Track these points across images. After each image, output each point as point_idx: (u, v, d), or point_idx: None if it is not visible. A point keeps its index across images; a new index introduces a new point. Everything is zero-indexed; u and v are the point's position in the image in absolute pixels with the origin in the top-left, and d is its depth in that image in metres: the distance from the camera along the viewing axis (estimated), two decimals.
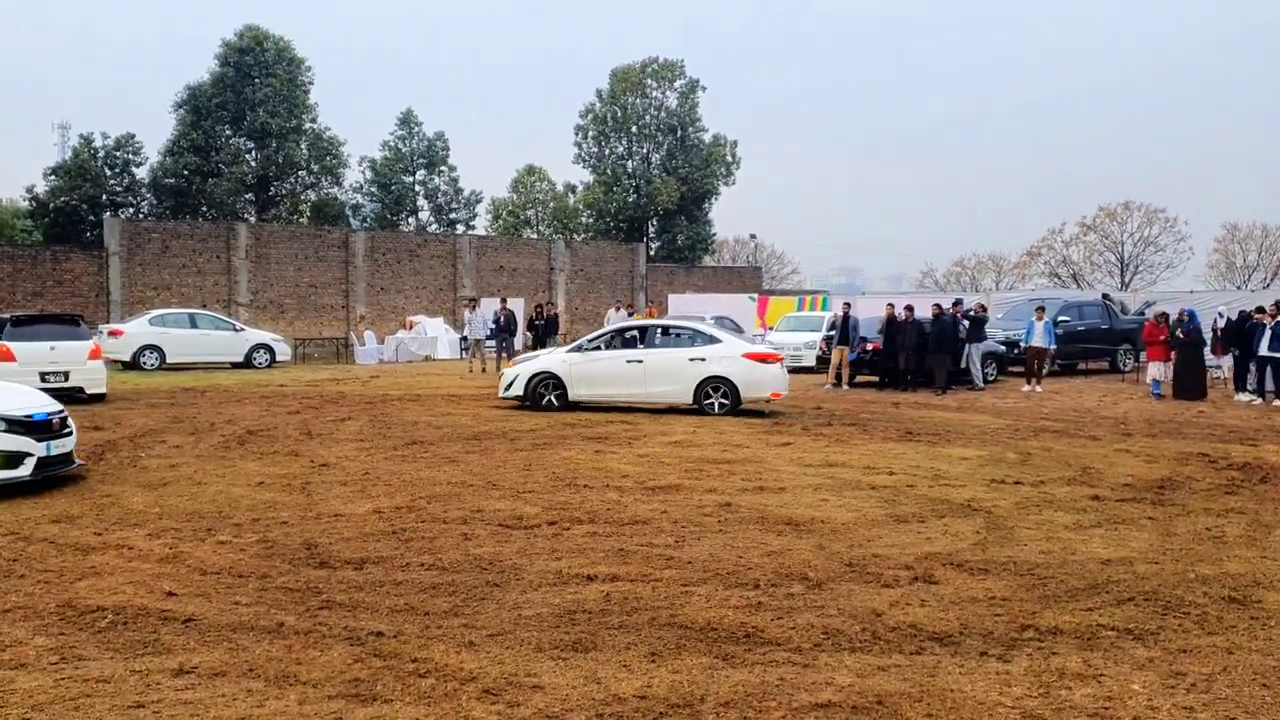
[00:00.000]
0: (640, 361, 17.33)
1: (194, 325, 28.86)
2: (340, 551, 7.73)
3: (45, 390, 12.89)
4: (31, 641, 5.68)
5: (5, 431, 10.12)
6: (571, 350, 18.14)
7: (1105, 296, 31.86)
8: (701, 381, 17.06)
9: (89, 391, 18.68)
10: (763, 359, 17.41)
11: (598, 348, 17.90)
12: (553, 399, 17.58)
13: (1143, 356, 24.54)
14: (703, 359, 17.21)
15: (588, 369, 17.59)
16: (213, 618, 6.10)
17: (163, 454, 12.73)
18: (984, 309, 25.33)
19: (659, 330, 18.23)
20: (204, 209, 45.66)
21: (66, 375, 18.45)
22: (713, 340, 17.64)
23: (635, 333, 18.27)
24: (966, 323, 23.57)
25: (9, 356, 18.24)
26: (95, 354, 19.34)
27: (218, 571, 7.18)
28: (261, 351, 29.16)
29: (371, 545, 7.92)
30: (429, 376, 26.19)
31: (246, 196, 47.76)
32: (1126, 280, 60.49)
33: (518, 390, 17.80)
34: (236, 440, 13.89)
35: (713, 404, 17.03)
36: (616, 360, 17.52)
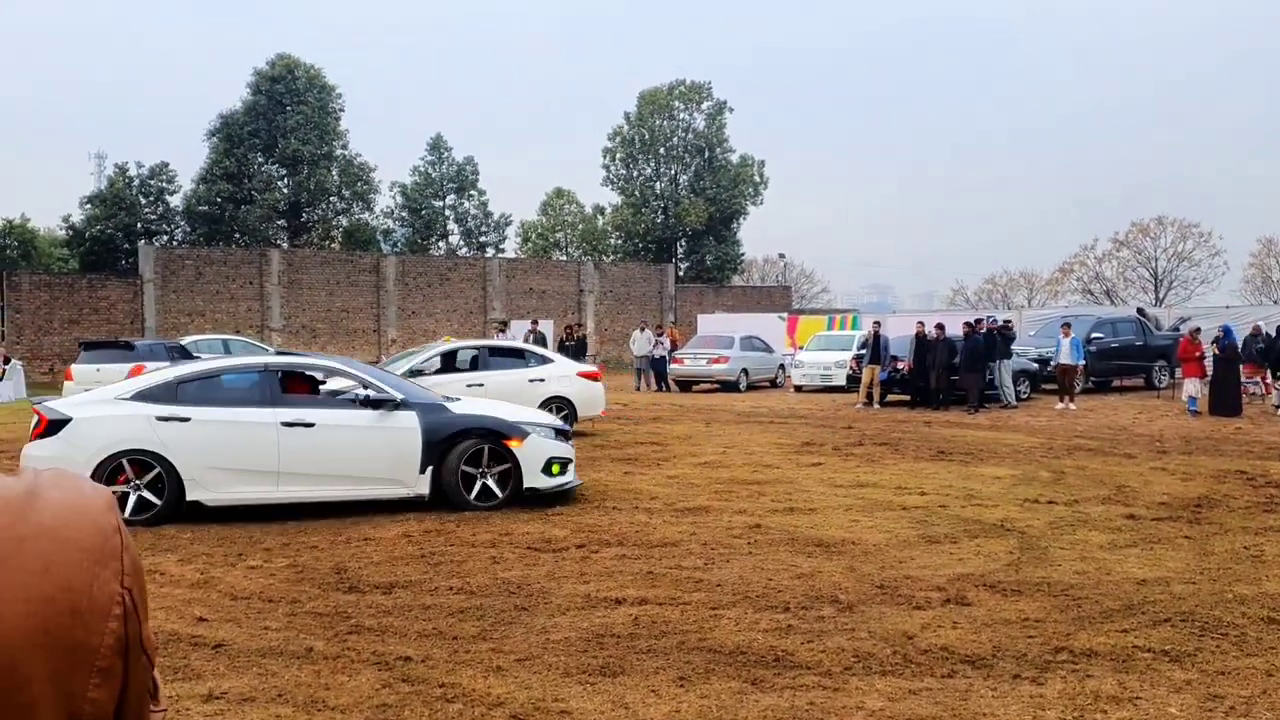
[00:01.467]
0: (481, 385, 16.19)
1: (228, 351, 29.07)
2: (369, 575, 7.74)
3: None
4: None
5: (556, 439, 10.93)
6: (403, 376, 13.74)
7: (1140, 312, 31.56)
8: (543, 402, 16.15)
9: None
10: (593, 377, 17.48)
11: (426, 372, 16.23)
12: None
13: (1178, 373, 24.26)
14: (542, 379, 16.88)
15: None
16: (242, 643, 6.12)
17: None
18: (1009, 325, 25.14)
19: (488, 351, 17.75)
20: (237, 236, 46.18)
21: None
22: (545, 360, 17.49)
23: (467, 356, 17.53)
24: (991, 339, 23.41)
25: (69, 376, 21.82)
26: (135, 372, 19.64)
27: (248, 597, 7.21)
28: None
29: (400, 569, 7.94)
30: None
31: (279, 223, 48.28)
32: (1161, 296, 59.86)
33: None
34: None
35: None
36: (458, 384, 15.85)
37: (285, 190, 47.58)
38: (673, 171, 57.32)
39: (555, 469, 10.74)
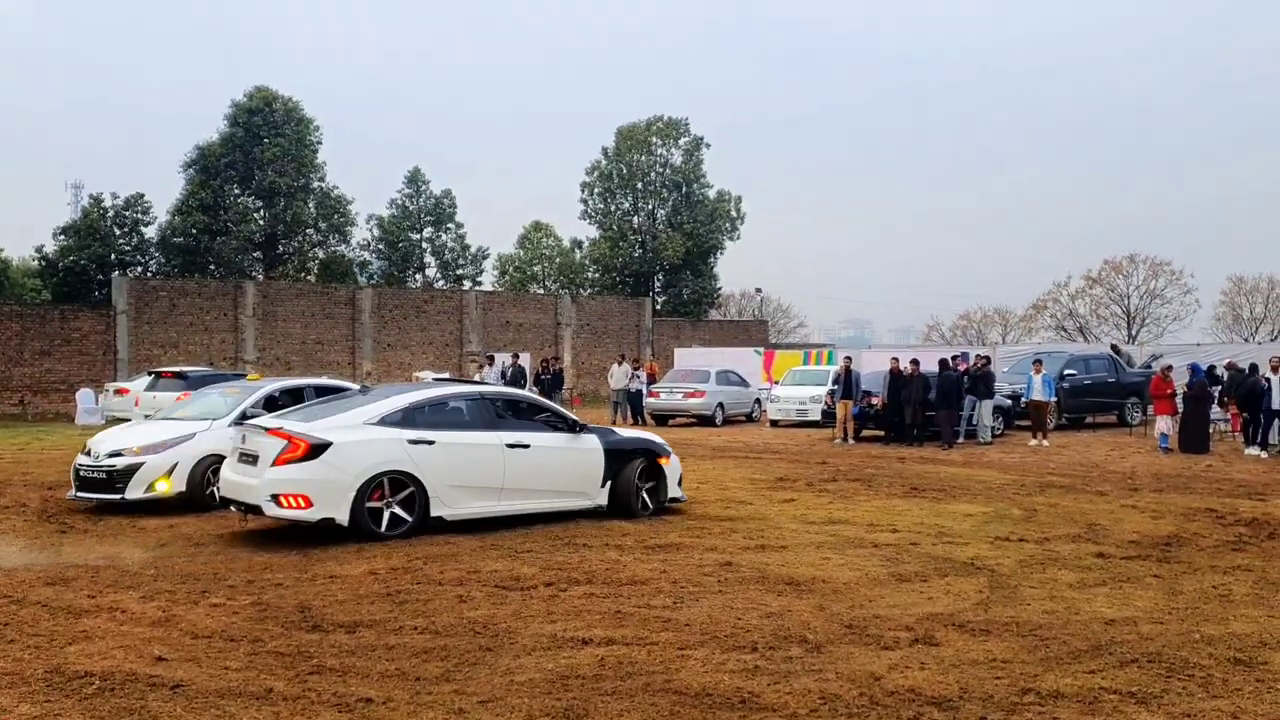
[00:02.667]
0: None
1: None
2: (333, 614, 7.64)
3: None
4: (15, 709, 5.60)
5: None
6: (235, 423, 12.99)
7: (1114, 348, 31.83)
8: None
9: None
10: None
11: (259, 413, 13.44)
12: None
13: (1150, 410, 24.41)
14: None
15: None
16: (201, 683, 6.02)
17: (163, 514, 12.67)
18: (988, 362, 25.27)
19: (314, 390, 15.06)
20: (212, 267, 45.97)
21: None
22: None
23: (292, 395, 14.69)
24: (967, 379, 23.50)
25: (137, 403, 24.06)
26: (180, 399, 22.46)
27: (209, 635, 7.10)
28: None
29: (365, 608, 7.84)
30: None
31: (254, 255, 48.09)
32: (1133, 333, 60.41)
33: None
34: None
35: None
36: None
37: (261, 222, 47.43)
38: (650, 206, 57.56)
39: (680, 483, 12.91)
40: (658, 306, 55.28)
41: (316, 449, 10.35)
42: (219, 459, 12.41)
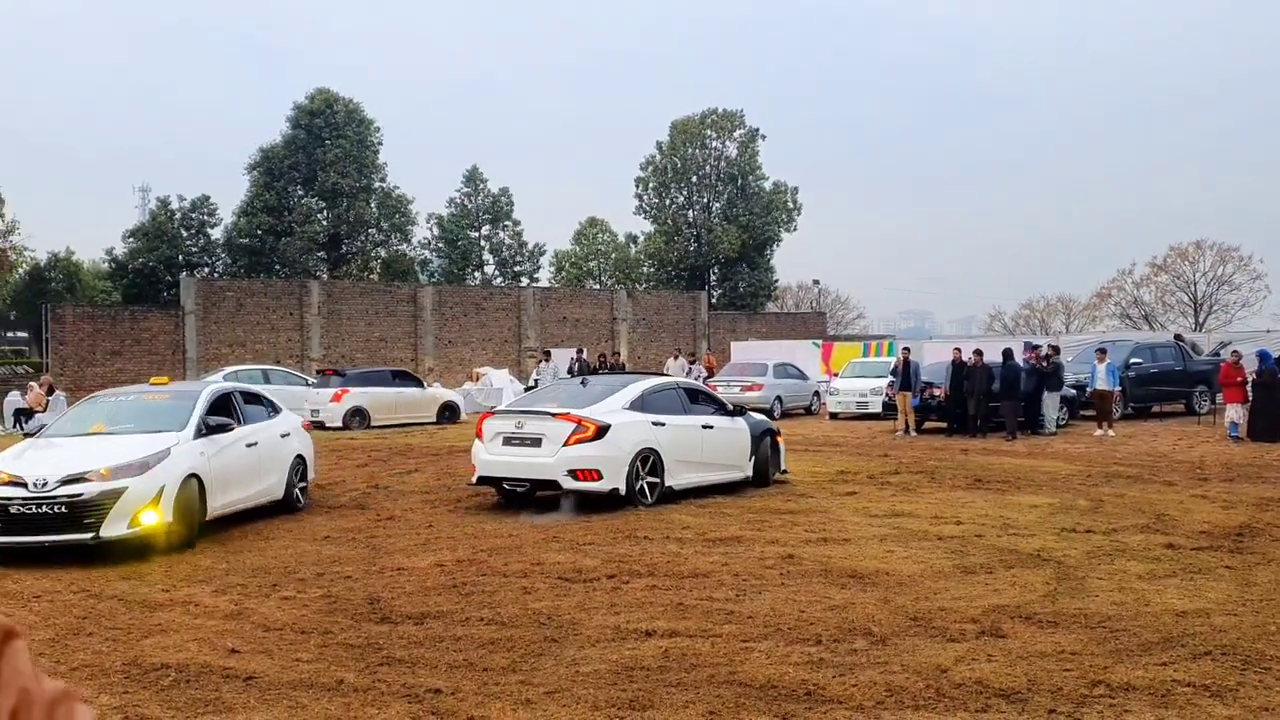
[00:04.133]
0: (255, 443, 12.15)
1: (267, 381, 29.32)
2: (401, 606, 7.76)
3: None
4: (96, 700, 5.76)
5: None
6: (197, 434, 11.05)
7: (1178, 337, 31.16)
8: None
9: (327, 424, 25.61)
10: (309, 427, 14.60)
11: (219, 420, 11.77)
12: None
13: (1219, 398, 23.89)
14: (288, 433, 13.11)
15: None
16: (273, 675, 6.15)
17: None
18: (1057, 351, 24.88)
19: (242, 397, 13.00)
20: (277, 267, 46.74)
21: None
22: (276, 409, 13.42)
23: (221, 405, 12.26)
24: (1044, 365, 23.17)
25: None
26: (337, 397, 26.45)
27: (280, 628, 7.25)
28: None
29: (432, 599, 7.95)
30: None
31: (318, 254, 48.83)
32: (1200, 320, 59.11)
33: None
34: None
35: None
36: (238, 441, 11.82)
37: (324, 222, 48.13)
38: (705, 199, 57.46)
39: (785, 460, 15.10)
40: (714, 300, 55.18)
41: (603, 430, 12.01)
42: (199, 481, 10.63)
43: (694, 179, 57.16)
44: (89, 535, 9.70)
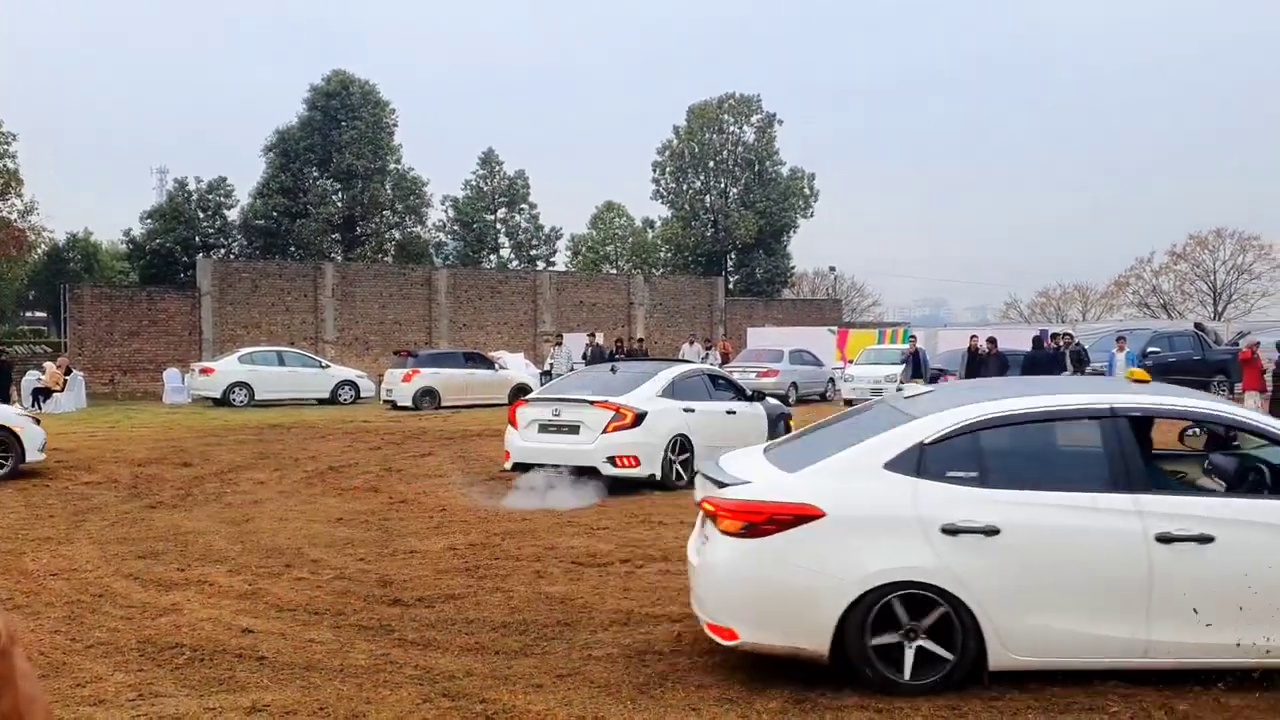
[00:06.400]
0: None
1: (282, 363, 29.52)
2: (414, 588, 7.77)
3: None
4: (111, 678, 5.79)
5: None
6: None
7: (1198, 326, 30.97)
8: None
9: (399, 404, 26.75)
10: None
11: None
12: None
13: (1238, 388, 23.73)
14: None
15: None
16: (287, 655, 6.16)
17: (247, 489, 12.99)
18: (1072, 338, 24.76)
19: None
20: (292, 249, 46.83)
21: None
22: None
23: None
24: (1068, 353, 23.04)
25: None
26: (408, 377, 26.84)
27: (294, 609, 7.27)
28: (346, 388, 29.68)
29: (445, 582, 7.96)
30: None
31: (333, 236, 48.88)
32: (1220, 309, 58.70)
33: None
34: (319, 476, 14.11)
35: None
36: None
37: (340, 204, 48.17)
38: (722, 185, 57.28)
39: None
40: (730, 286, 55.06)
41: (640, 417, 12.27)
42: None
43: (711, 164, 56.97)
44: None
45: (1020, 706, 5.23)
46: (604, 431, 12.21)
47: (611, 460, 12.20)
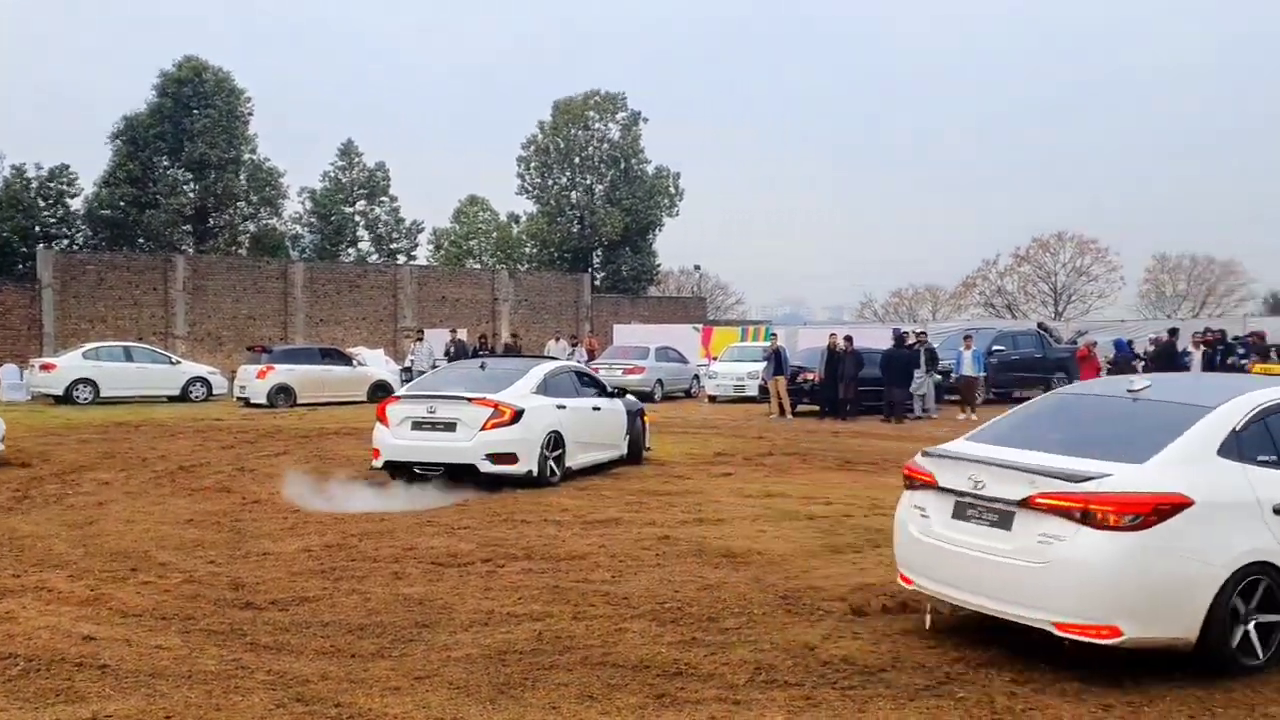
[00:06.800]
0: None
1: (129, 358, 28.28)
2: (267, 592, 7.56)
3: None
4: None
5: None
6: None
7: (1041, 325, 32.43)
8: None
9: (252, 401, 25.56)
10: None
11: None
12: None
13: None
14: None
15: None
16: (131, 663, 5.93)
17: (91, 490, 12.43)
18: (925, 338, 25.66)
19: None
20: (141, 241, 44.98)
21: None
22: None
23: None
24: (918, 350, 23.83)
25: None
26: (262, 375, 25.87)
27: (139, 614, 6.99)
28: (198, 385, 28.62)
29: (299, 585, 7.76)
30: (369, 409, 25.85)
31: (184, 228, 47.15)
32: (1060, 310, 61.64)
33: None
34: (168, 476, 13.60)
35: None
36: None
37: (191, 195, 46.45)
38: (588, 181, 57.33)
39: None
40: (596, 283, 55.17)
41: (518, 414, 12.19)
42: None
43: (577, 160, 56.95)
44: None
45: (867, 696, 5.38)
46: (482, 429, 12.11)
47: (490, 457, 12.12)
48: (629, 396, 15.72)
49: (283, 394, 26.10)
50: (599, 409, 14.06)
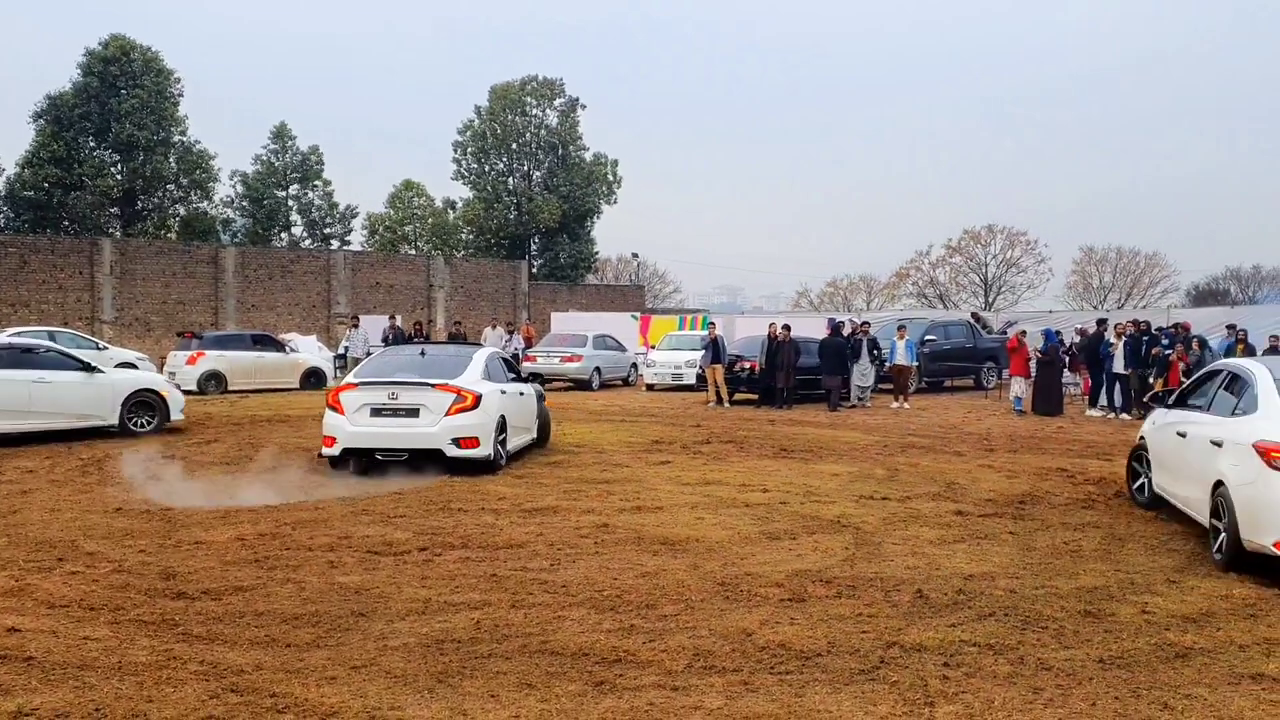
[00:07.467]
0: None
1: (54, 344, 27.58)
2: (199, 581, 7.44)
3: None
4: None
5: None
6: None
7: (974, 316, 32.94)
8: None
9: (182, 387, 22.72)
10: None
11: None
12: None
13: (1005, 374, 25.38)
14: None
15: None
16: (58, 655, 5.80)
17: (13, 479, 12.12)
18: (868, 328, 25.94)
19: None
20: (65, 223, 43.86)
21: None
22: None
23: None
24: (860, 339, 24.06)
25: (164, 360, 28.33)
26: (193, 360, 25.71)
27: (67, 605, 6.84)
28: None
29: (233, 574, 7.65)
30: (300, 396, 25.54)
31: (111, 210, 46.09)
32: (990, 300, 62.71)
33: None
34: (95, 465, 13.31)
35: None
36: None
37: (119, 177, 45.39)
38: (526, 168, 57.05)
39: None
40: (534, 270, 54.95)
41: (479, 399, 12.49)
42: None
43: (514, 146, 56.62)
44: None
45: (803, 680, 5.45)
46: (446, 414, 12.32)
47: (455, 442, 12.34)
48: (534, 383, 16.12)
49: (214, 380, 25.76)
50: (524, 394, 14.50)
